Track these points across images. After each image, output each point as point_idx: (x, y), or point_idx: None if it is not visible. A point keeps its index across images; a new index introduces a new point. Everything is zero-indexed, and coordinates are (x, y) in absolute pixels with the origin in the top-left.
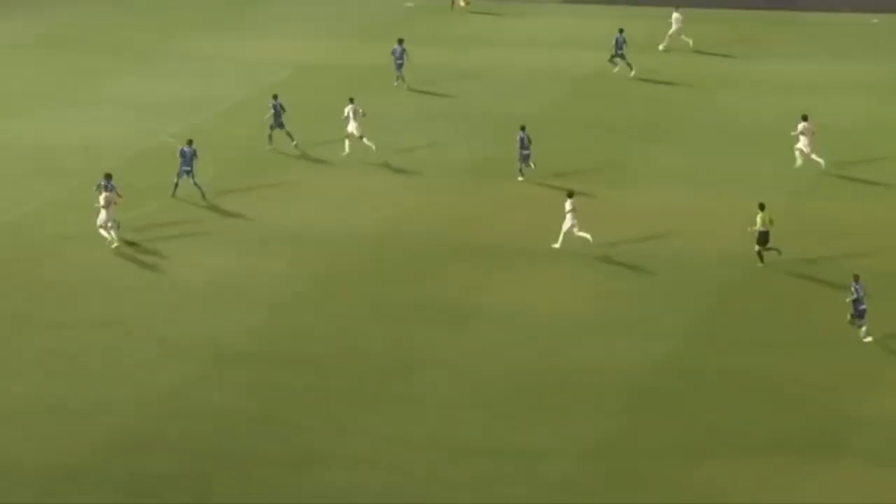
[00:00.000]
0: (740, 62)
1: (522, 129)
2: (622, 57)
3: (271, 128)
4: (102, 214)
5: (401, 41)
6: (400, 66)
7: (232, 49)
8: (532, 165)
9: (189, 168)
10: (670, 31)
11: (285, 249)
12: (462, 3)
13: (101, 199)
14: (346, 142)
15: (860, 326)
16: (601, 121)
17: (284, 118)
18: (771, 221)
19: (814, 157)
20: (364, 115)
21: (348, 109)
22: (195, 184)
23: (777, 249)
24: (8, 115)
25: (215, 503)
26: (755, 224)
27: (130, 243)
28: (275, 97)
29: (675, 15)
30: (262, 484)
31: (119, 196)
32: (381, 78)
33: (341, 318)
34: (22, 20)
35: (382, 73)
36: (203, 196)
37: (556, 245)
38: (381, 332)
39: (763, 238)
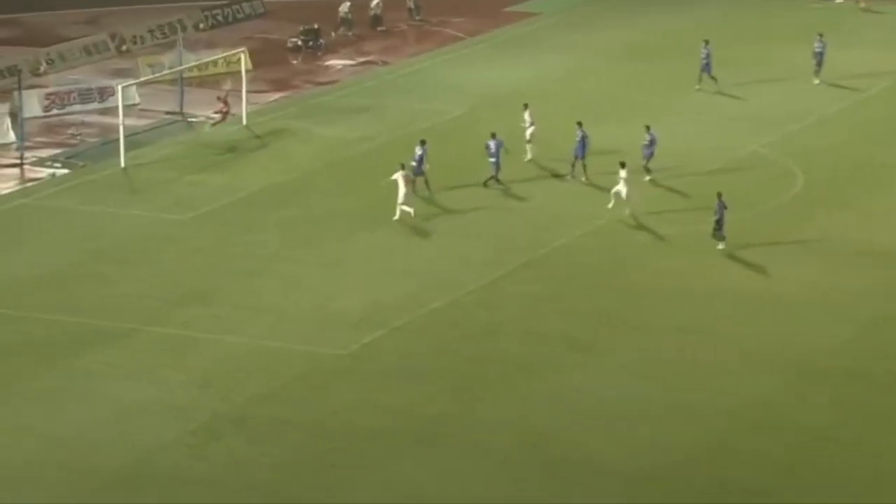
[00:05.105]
0: None
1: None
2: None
3: None
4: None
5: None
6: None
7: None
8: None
9: (417, 164)
10: None
11: (875, 266)
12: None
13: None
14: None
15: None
16: None
17: None
18: None
19: None
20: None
21: (526, 115)
22: (426, 182)
23: None
24: (606, 123)
25: None
26: None
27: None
28: None
29: None
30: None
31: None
32: None
33: None
34: (615, 30)
35: None
36: (429, 192)
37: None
38: None
39: None
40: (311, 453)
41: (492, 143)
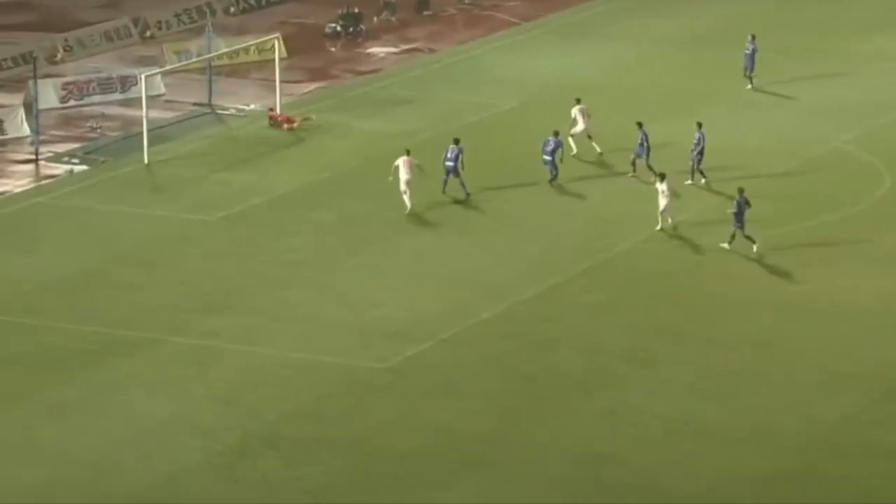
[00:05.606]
0: None
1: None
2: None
3: None
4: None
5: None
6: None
7: None
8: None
9: (453, 164)
10: None
11: None
12: None
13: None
14: (571, 140)
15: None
16: None
17: None
18: None
19: None
20: (590, 116)
21: (575, 111)
22: (461, 184)
23: None
24: (668, 117)
25: None
26: None
27: (762, 261)
28: None
29: None
30: None
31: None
32: None
33: None
34: (678, 16)
35: None
36: (467, 194)
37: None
38: None
39: None
40: (349, 476)
41: (551, 141)
